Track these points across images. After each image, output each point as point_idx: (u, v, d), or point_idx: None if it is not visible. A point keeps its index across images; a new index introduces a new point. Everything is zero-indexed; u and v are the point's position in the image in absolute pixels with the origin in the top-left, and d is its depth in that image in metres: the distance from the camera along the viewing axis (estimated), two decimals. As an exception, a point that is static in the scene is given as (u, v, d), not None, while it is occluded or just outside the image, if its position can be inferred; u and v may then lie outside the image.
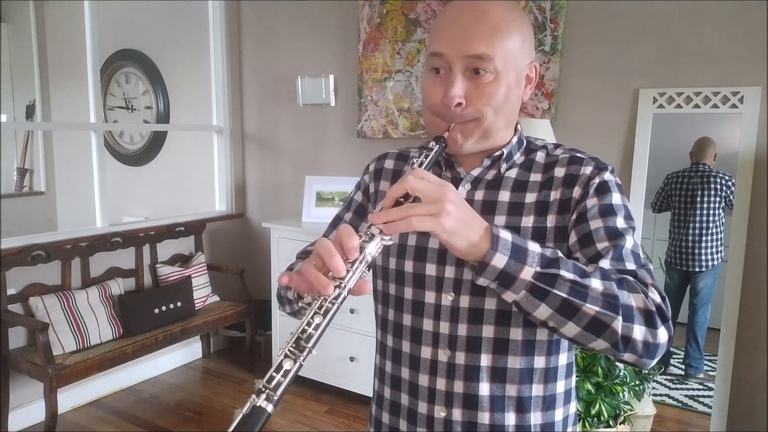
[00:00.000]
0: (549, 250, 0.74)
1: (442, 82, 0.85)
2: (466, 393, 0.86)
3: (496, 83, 0.84)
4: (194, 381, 3.29)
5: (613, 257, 0.78)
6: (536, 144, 0.94)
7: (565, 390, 0.90)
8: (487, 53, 0.82)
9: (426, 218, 0.69)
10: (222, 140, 3.69)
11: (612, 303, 0.71)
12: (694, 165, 2.60)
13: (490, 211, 0.88)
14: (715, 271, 2.61)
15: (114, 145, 4.18)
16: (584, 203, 0.84)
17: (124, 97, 4.15)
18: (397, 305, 0.93)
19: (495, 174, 0.91)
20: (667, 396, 2.73)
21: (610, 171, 0.87)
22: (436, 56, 0.85)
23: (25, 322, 2.60)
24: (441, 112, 0.86)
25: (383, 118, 3.15)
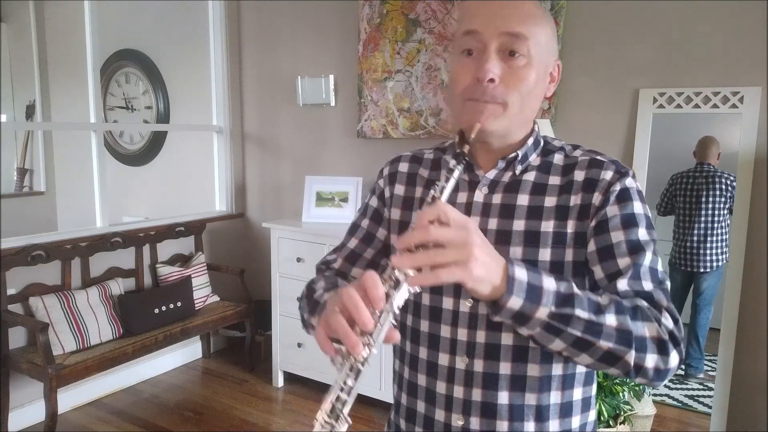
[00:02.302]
0: (564, 285, 0.73)
1: (474, 63, 0.83)
2: (484, 401, 0.84)
3: (528, 68, 0.82)
4: (194, 381, 3.29)
5: (632, 276, 0.78)
6: (554, 145, 0.92)
7: (583, 397, 0.89)
8: (523, 33, 0.81)
9: (454, 269, 0.67)
10: (222, 140, 3.69)
11: (626, 338, 0.72)
12: (698, 165, 2.59)
13: (509, 215, 0.86)
14: (719, 272, 2.60)
15: (114, 145, 4.18)
16: (605, 211, 0.82)
17: (124, 97, 4.15)
18: (414, 310, 0.91)
19: (511, 176, 0.89)
20: (667, 396, 2.73)
21: (631, 176, 0.85)
22: (470, 35, 0.82)
23: (25, 322, 2.60)
24: (472, 91, 0.82)
25: (383, 118, 3.15)
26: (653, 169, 2.50)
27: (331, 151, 3.40)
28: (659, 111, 2.45)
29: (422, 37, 2.97)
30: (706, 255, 2.61)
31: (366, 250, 0.99)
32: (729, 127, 2.45)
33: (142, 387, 3.19)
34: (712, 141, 2.55)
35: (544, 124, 2.42)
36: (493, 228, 0.86)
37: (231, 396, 3.09)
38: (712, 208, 2.57)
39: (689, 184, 2.61)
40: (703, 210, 2.59)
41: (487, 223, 0.86)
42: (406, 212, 0.95)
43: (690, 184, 2.61)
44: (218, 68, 3.63)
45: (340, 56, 3.28)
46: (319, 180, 3.20)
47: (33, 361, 2.50)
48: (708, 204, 2.57)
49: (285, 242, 3.04)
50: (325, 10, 3.30)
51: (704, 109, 2.36)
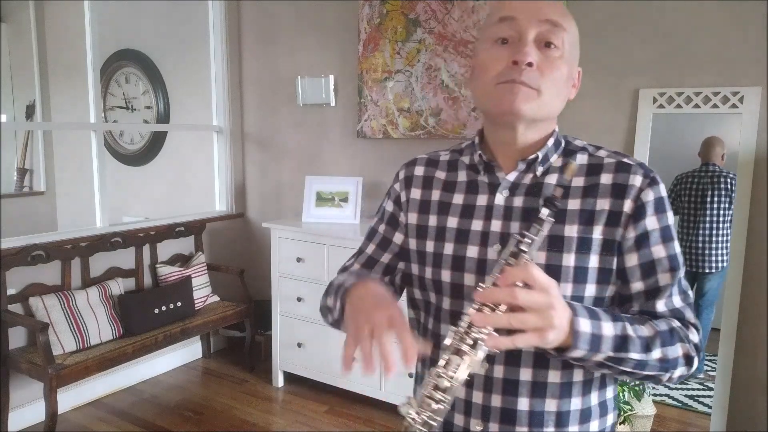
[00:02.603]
0: (619, 327, 0.76)
1: (509, 51, 0.81)
2: (504, 407, 0.83)
3: (562, 61, 0.82)
4: (194, 381, 3.29)
5: (669, 295, 0.83)
6: (575, 144, 0.90)
7: (600, 401, 0.88)
8: (561, 23, 0.82)
9: (531, 336, 0.70)
10: (222, 140, 3.69)
11: (664, 366, 0.79)
12: (704, 166, 2.57)
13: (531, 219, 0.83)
14: (723, 273, 2.59)
15: (114, 145, 4.18)
16: (643, 223, 0.82)
17: (124, 97, 4.15)
18: (435, 315, 0.90)
19: (532, 178, 0.87)
20: (667, 396, 2.72)
21: (660, 182, 0.85)
22: (506, 21, 0.82)
23: (25, 322, 2.60)
24: (507, 74, 0.80)
25: (383, 118, 3.15)
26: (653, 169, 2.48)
27: (331, 151, 3.40)
28: (659, 111, 2.45)
29: (422, 37, 2.97)
30: (711, 256, 2.60)
31: (383, 255, 0.98)
32: (729, 127, 2.45)
33: (142, 387, 3.19)
34: (717, 141, 2.54)
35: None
36: (516, 232, 0.84)
37: (231, 396, 3.09)
38: (716, 209, 2.56)
39: (694, 184, 2.60)
40: (707, 210, 2.57)
41: (509, 227, 0.85)
42: (423, 216, 0.94)
43: (695, 184, 2.60)
44: (218, 68, 3.63)
45: (340, 56, 3.28)
46: (319, 180, 3.20)
47: (33, 361, 2.50)
48: (713, 204, 2.56)
49: (285, 242, 3.04)
50: (325, 10, 3.30)
51: (704, 109, 2.36)
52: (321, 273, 2.91)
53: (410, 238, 0.95)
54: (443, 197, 0.93)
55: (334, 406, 2.96)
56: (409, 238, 0.95)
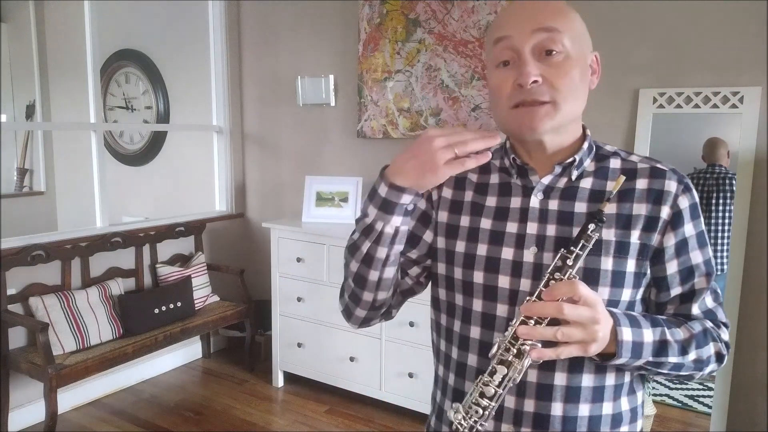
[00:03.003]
0: (659, 332, 0.80)
1: (512, 72, 0.82)
2: (537, 412, 0.83)
3: (568, 62, 0.82)
4: (194, 381, 3.29)
5: (704, 298, 0.86)
6: (607, 149, 0.91)
7: (631, 407, 0.88)
8: (556, 27, 0.81)
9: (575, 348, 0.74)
10: (222, 140, 3.69)
11: (699, 365, 0.84)
12: (709, 167, 2.56)
13: (568, 223, 0.84)
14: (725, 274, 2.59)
15: (114, 145, 4.18)
16: (682, 230, 0.84)
17: (124, 97, 4.15)
18: (464, 317, 0.89)
19: (566, 182, 0.87)
20: (667, 396, 2.72)
21: (692, 187, 0.87)
22: (503, 41, 0.82)
23: (25, 322, 2.60)
24: (517, 96, 0.81)
25: (383, 118, 3.15)
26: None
27: (331, 151, 3.40)
28: (659, 111, 2.45)
29: (422, 37, 2.97)
30: (716, 257, 2.60)
31: (410, 250, 0.95)
32: (729, 127, 2.45)
33: (142, 387, 3.19)
34: (720, 142, 2.53)
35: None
36: (552, 234, 0.84)
37: (231, 396, 3.09)
38: (722, 210, 2.55)
39: (699, 186, 2.59)
40: (713, 213, 2.57)
41: (545, 230, 0.85)
42: (454, 216, 0.93)
43: (700, 185, 2.59)
44: (218, 68, 3.63)
45: (340, 56, 3.28)
46: (319, 180, 3.20)
47: (33, 361, 2.50)
48: (718, 206, 2.55)
49: (285, 242, 3.04)
50: (325, 10, 3.30)
51: (704, 109, 2.36)
52: (321, 273, 2.92)
53: (439, 237, 0.94)
54: (476, 198, 0.92)
55: (334, 406, 2.96)
56: (438, 237, 0.94)
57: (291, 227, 3.03)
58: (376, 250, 0.86)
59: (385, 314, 0.98)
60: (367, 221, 0.85)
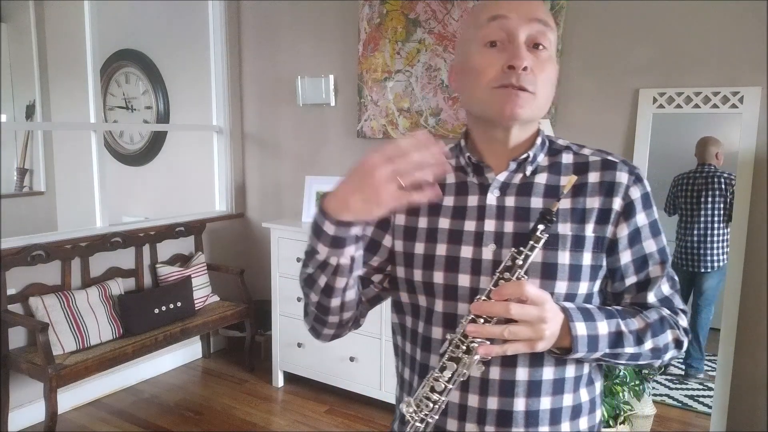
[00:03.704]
0: (614, 324, 0.81)
1: (502, 54, 0.81)
2: (500, 409, 0.83)
3: (550, 62, 0.84)
4: (194, 381, 3.29)
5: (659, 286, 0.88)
6: (559, 144, 0.92)
7: (589, 398, 0.89)
8: (548, 22, 0.83)
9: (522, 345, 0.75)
10: (222, 140, 3.69)
11: (657, 353, 0.85)
12: (699, 166, 2.59)
13: (525, 218, 0.84)
14: (721, 273, 2.60)
15: (114, 145, 4.18)
16: (634, 220, 0.85)
17: (124, 97, 4.15)
18: (427, 317, 0.88)
19: (522, 178, 0.87)
20: (667, 396, 2.73)
21: (643, 178, 0.88)
22: (498, 21, 0.81)
23: (25, 322, 2.60)
24: (503, 78, 0.81)
25: (383, 118, 3.15)
26: (653, 169, 2.49)
27: (331, 151, 3.40)
28: (659, 111, 2.45)
29: (422, 37, 2.97)
30: (707, 255, 2.61)
31: (372, 257, 0.94)
32: (729, 127, 2.45)
33: (142, 387, 3.19)
34: (711, 140, 2.55)
35: (544, 124, 2.41)
36: (510, 231, 0.84)
37: (231, 396, 3.09)
38: (711, 208, 2.57)
39: (690, 184, 2.61)
40: (702, 210, 2.59)
41: (503, 227, 0.85)
42: (411, 218, 0.92)
43: (691, 184, 2.61)
44: (218, 68, 3.63)
45: (340, 56, 3.28)
46: (319, 180, 3.20)
47: (33, 361, 2.50)
48: (707, 204, 2.57)
49: (285, 242, 3.04)
50: (325, 10, 3.30)
51: (704, 109, 2.36)
52: (321, 273, 2.91)
53: (397, 240, 0.93)
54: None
55: (334, 406, 2.96)
56: (396, 240, 0.93)
57: (291, 227, 3.03)
58: (334, 281, 0.83)
59: (353, 326, 0.98)
60: (320, 258, 0.80)
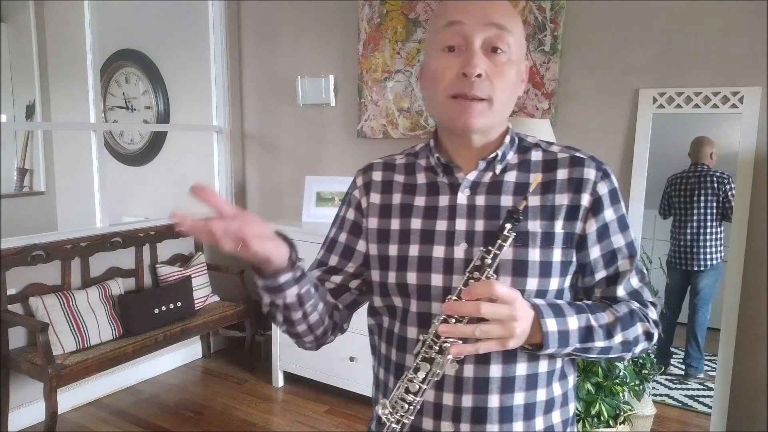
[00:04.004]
0: (583, 319, 0.82)
1: (458, 59, 0.82)
2: (475, 407, 0.84)
3: (509, 65, 0.83)
4: (194, 381, 3.29)
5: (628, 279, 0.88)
6: (528, 141, 0.92)
7: (563, 392, 0.90)
8: (507, 25, 0.82)
9: (494, 343, 0.76)
10: (222, 140, 3.69)
11: (627, 346, 0.85)
12: (692, 166, 2.61)
13: (495, 217, 0.85)
14: (716, 271, 2.61)
15: (114, 145, 4.18)
16: (602, 215, 0.86)
17: (124, 97, 4.14)
18: (402, 318, 0.89)
19: (491, 177, 0.88)
20: (667, 396, 2.73)
21: (611, 173, 0.88)
22: (454, 26, 0.82)
23: (25, 322, 2.60)
24: (458, 87, 0.82)
25: (383, 118, 3.15)
26: (653, 169, 2.50)
27: (331, 151, 3.40)
28: (659, 111, 2.45)
29: (422, 37, 2.97)
30: (700, 253, 2.63)
31: (347, 264, 0.96)
32: (729, 127, 2.45)
33: (142, 387, 3.19)
34: (705, 140, 2.57)
35: (544, 124, 2.41)
36: (480, 230, 0.85)
37: (231, 396, 3.09)
38: (704, 207, 2.58)
39: (683, 184, 2.63)
40: (695, 209, 2.60)
41: (474, 225, 0.86)
42: (384, 220, 0.93)
43: (684, 184, 2.63)
44: (218, 68, 3.63)
45: (340, 56, 3.28)
46: (319, 180, 3.20)
47: (33, 361, 2.50)
48: (700, 203, 2.59)
49: (285, 242, 3.03)
50: (325, 10, 3.30)
51: (704, 109, 2.36)
52: (321, 273, 2.91)
53: (371, 244, 0.93)
54: (405, 200, 0.92)
55: (334, 406, 2.96)
56: (369, 244, 0.94)
57: (291, 227, 3.03)
58: (289, 314, 0.88)
59: (336, 334, 1.00)
60: (266, 300, 0.88)
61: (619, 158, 2.56)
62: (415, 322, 0.87)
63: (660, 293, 2.71)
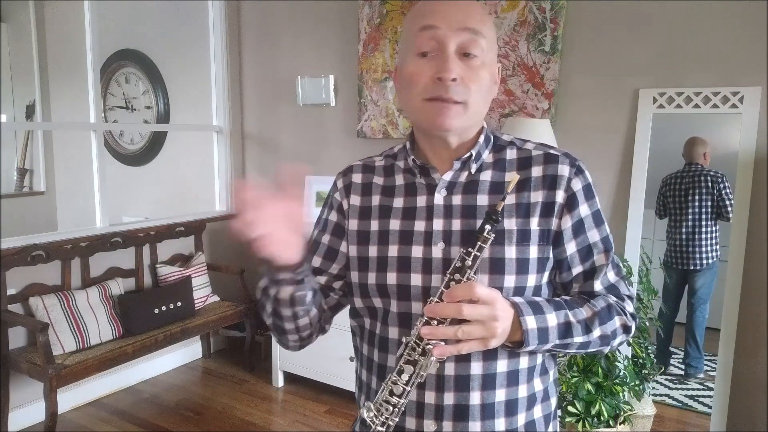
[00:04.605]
0: (562, 315, 0.83)
1: (432, 63, 0.83)
2: (456, 404, 0.84)
3: (483, 68, 0.84)
4: (194, 381, 3.30)
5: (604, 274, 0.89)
6: (503, 140, 0.93)
7: (543, 387, 0.91)
8: (480, 30, 0.83)
9: (475, 344, 0.77)
10: (222, 140, 3.69)
11: (605, 340, 0.87)
12: (687, 165, 2.62)
13: (472, 216, 0.86)
14: (713, 270, 2.62)
15: (114, 145, 4.18)
16: (577, 211, 0.87)
17: (124, 97, 4.14)
18: (383, 318, 0.90)
19: (467, 176, 0.89)
20: (667, 396, 2.73)
21: (585, 169, 0.89)
22: (428, 31, 0.82)
23: (25, 322, 2.60)
24: (434, 90, 0.83)
25: (383, 118, 3.15)
26: (653, 169, 2.50)
27: (331, 151, 3.40)
28: (659, 111, 2.45)
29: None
30: (696, 253, 2.63)
31: (331, 265, 0.96)
32: (729, 127, 2.45)
33: (142, 387, 3.19)
34: (698, 140, 2.58)
35: (544, 124, 2.41)
36: (457, 229, 0.86)
37: (231, 396, 3.09)
38: (698, 207, 2.59)
39: (678, 184, 2.64)
40: (689, 208, 2.61)
41: (451, 225, 0.86)
42: (363, 222, 0.94)
43: (678, 184, 2.64)
44: (218, 68, 3.63)
45: (340, 56, 3.28)
46: (319, 180, 3.20)
47: (33, 361, 2.50)
48: (694, 202, 2.60)
49: (285, 242, 3.03)
50: (325, 10, 3.30)
51: (704, 109, 2.36)
52: (321, 273, 2.91)
53: (351, 245, 0.94)
54: (383, 201, 0.93)
55: (334, 406, 2.96)
56: (350, 245, 0.94)
57: (291, 227, 3.02)
58: (279, 308, 0.89)
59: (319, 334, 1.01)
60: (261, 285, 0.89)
61: (619, 158, 2.56)
62: (396, 322, 0.88)
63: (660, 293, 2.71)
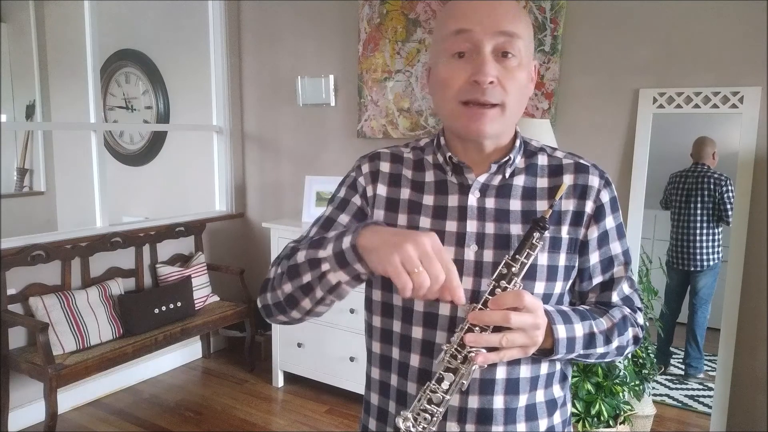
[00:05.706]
0: (587, 326, 0.84)
1: (468, 66, 0.81)
2: (480, 408, 0.84)
3: (520, 69, 0.82)
4: (194, 381, 3.29)
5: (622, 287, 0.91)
6: (533, 145, 0.92)
7: (564, 393, 0.92)
8: (516, 32, 0.81)
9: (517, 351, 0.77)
10: (222, 140, 3.69)
11: (620, 351, 0.89)
12: (693, 165, 2.61)
13: (504, 220, 0.86)
14: (714, 271, 2.62)
15: (114, 145, 4.18)
16: (603, 223, 0.88)
17: (124, 97, 4.15)
18: (404, 317, 0.88)
19: (501, 180, 0.88)
20: (667, 396, 2.73)
21: (611, 182, 0.90)
22: (463, 34, 0.80)
23: (25, 322, 2.60)
24: (469, 93, 0.81)
25: (383, 118, 3.15)
26: (653, 169, 2.50)
27: (331, 151, 3.40)
28: (659, 111, 2.45)
29: (422, 37, 2.97)
30: (698, 254, 2.63)
31: None
32: (729, 127, 2.45)
33: (142, 387, 3.19)
34: (708, 141, 2.57)
35: (544, 124, 2.41)
36: (491, 232, 0.85)
37: (231, 396, 3.09)
38: (701, 208, 2.59)
39: (683, 183, 2.64)
40: (692, 209, 2.61)
41: (484, 228, 0.86)
42: (390, 214, 0.91)
43: (683, 183, 2.63)
44: (218, 68, 3.63)
45: (340, 56, 3.28)
46: (319, 180, 3.20)
47: (33, 361, 2.50)
48: (696, 203, 2.59)
49: (285, 242, 3.02)
50: (325, 10, 3.30)
51: (704, 109, 2.36)
52: (321, 273, 2.91)
53: None
54: (413, 197, 0.91)
55: (334, 406, 2.96)
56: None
57: (291, 227, 3.03)
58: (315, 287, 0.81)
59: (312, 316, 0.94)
60: (319, 254, 0.79)
61: (619, 158, 2.56)
62: (420, 321, 0.86)
63: (660, 293, 2.71)
